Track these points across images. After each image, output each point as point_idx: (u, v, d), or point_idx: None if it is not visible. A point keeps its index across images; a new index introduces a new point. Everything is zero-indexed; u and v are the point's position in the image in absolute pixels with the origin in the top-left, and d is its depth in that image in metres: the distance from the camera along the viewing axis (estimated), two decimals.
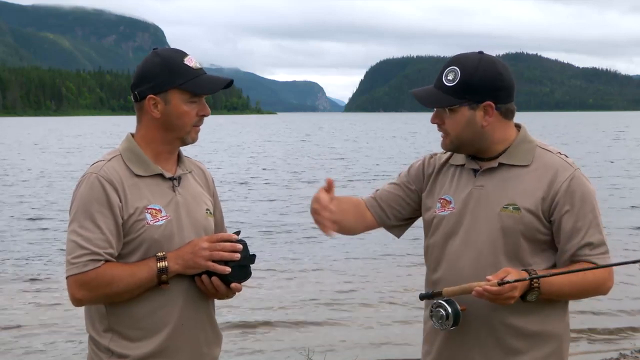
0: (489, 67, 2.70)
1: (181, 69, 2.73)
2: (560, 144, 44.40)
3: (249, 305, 9.53)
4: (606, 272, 2.67)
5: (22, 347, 8.13)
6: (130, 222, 2.68)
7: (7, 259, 12.67)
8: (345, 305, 9.70)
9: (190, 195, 2.81)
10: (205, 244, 2.68)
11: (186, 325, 2.75)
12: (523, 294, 2.56)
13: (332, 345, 8.17)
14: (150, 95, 2.72)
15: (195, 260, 2.67)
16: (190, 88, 2.72)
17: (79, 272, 2.62)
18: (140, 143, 2.78)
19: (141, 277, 2.64)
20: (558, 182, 2.68)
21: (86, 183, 2.69)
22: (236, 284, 2.72)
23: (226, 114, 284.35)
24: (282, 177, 28.06)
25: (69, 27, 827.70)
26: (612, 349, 7.94)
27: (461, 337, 2.74)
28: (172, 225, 2.72)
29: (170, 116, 2.73)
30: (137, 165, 2.74)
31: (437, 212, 2.81)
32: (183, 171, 2.83)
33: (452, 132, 2.72)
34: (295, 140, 63.59)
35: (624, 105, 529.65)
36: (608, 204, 18.39)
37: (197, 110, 2.76)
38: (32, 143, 56.14)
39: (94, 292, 2.63)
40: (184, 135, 2.77)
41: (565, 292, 2.64)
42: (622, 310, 9.50)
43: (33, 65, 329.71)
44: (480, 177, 2.76)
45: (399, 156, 39.31)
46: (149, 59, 2.78)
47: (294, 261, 12.62)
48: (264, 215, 17.93)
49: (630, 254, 12.25)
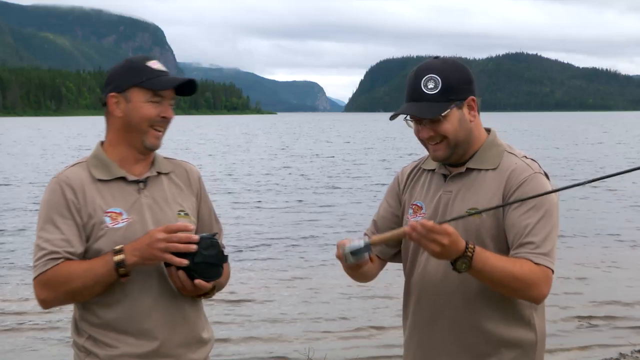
0: (456, 66, 2.78)
1: (141, 69, 2.79)
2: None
3: (250, 304, 9.50)
4: (542, 275, 2.62)
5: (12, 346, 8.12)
6: (89, 225, 2.72)
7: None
8: (345, 305, 9.69)
9: (159, 197, 2.82)
10: (161, 235, 2.65)
11: (158, 327, 2.75)
12: (454, 259, 2.53)
13: (332, 345, 8.16)
14: (112, 94, 2.78)
15: (151, 252, 2.65)
16: (148, 85, 2.75)
17: (40, 273, 2.67)
18: (107, 148, 2.83)
19: (98, 272, 2.66)
20: (513, 181, 2.71)
21: (48, 188, 2.77)
22: (200, 281, 2.70)
23: (226, 114, 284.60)
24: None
25: (68, 27, 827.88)
26: (612, 349, 7.94)
27: (430, 341, 2.79)
28: (134, 227, 2.73)
29: (130, 115, 2.77)
30: (99, 170, 2.79)
31: (410, 217, 2.83)
32: (153, 173, 2.85)
33: (450, 135, 2.73)
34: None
35: (624, 105, 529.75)
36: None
37: (158, 111, 2.78)
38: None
39: (54, 291, 2.67)
40: (142, 137, 2.79)
41: (496, 276, 2.57)
42: (623, 310, 9.49)
43: (33, 65, 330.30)
44: (450, 182, 2.80)
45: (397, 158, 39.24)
46: (115, 65, 2.89)
47: (294, 260, 12.58)
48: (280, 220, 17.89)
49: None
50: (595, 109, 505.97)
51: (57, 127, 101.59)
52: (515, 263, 2.59)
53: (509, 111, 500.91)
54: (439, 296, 2.76)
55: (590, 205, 19.32)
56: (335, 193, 22.74)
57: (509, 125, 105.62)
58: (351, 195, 21.95)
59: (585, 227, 15.84)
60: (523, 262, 2.60)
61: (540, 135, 70.78)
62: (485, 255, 2.56)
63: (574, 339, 8.37)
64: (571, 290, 10.32)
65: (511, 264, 2.59)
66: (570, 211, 17.34)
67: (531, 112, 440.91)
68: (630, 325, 8.86)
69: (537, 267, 2.61)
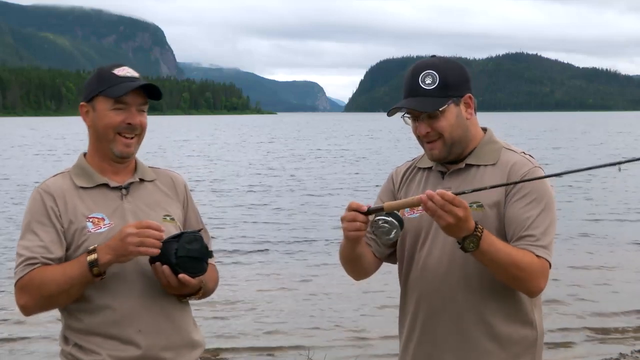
0: (453, 63, 2.81)
1: (106, 77, 2.83)
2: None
3: (251, 303, 9.47)
4: (542, 267, 2.65)
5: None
6: (71, 231, 2.75)
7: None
8: (346, 305, 9.69)
9: (143, 202, 2.84)
10: (132, 230, 2.65)
11: (143, 331, 2.75)
12: (463, 238, 2.54)
13: (333, 345, 8.17)
14: (82, 103, 2.85)
15: (124, 247, 2.65)
16: (109, 93, 2.78)
17: (18, 279, 2.70)
18: (88, 158, 2.89)
19: (72, 274, 2.66)
20: (514, 175, 2.72)
21: (30, 198, 2.82)
22: (184, 276, 2.70)
23: (226, 114, 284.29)
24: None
25: (68, 27, 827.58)
26: (612, 349, 7.94)
27: (433, 337, 2.79)
28: (115, 231, 2.72)
29: (96, 124, 2.82)
30: (81, 178, 2.83)
31: (407, 214, 2.82)
32: (136, 179, 2.87)
33: (446, 133, 2.74)
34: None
35: (624, 105, 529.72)
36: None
37: (122, 118, 2.79)
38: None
39: (32, 296, 2.69)
40: (110, 145, 2.81)
41: (500, 260, 2.59)
42: (623, 310, 9.49)
43: (33, 65, 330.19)
44: (448, 178, 2.80)
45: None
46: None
47: (294, 259, 12.58)
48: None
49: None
50: (595, 109, 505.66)
51: (55, 127, 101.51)
52: (519, 252, 2.62)
53: (509, 111, 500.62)
54: (441, 292, 2.76)
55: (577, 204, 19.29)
56: (335, 194, 22.70)
57: (509, 125, 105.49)
58: (352, 197, 21.94)
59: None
60: (526, 252, 2.63)
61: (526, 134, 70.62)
62: (492, 238, 2.58)
63: (574, 338, 8.37)
64: (572, 290, 10.31)
65: (515, 251, 2.62)
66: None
67: (531, 112, 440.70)
68: (631, 325, 8.85)
69: (537, 259, 2.64)
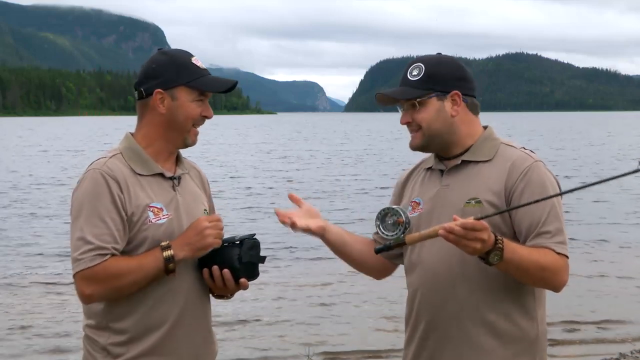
0: (450, 60, 2.84)
1: (189, 67, 2.77)
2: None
3: (251, 303, 9.52)
4: (563, 263, 2.66)
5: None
6: (133, 220, 2.69)
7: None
8: (346, 305, 9.70)
9: (189, 195, 2.83)
10: (208, 223, 2.70)
11: (186, 323, 2.76)
12: (486, 252, 2.53)
13: (333, 345, 8.16)
14: (158, 90, 2.74)
15: (204, 241, 2.68)
16: (197, 86, 2.75)
17: (86, 267, 2.61)
18: (140, 142, 2.79)
19: (149, 268, 2.65)
20: (516, 171, 2.72)
21: (89, 179, 2.68)
22: (244, 280, 2.76)
23: (226, 113, 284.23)
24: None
25: (68, 27, 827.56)
26: (612, 349, 7.94)
27: (434, 335, 2.79)
28: (173, 224, 2.73)
29: (174, 113, 2.75)
30: (138, 163, 2.75)
31: (409, 214, 2.84)
32: (182, 171, 2.86)
33: (424, 124, 2.77)
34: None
35: (624, 105, 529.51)
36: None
37: (201, 110, 2.79)
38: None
39: (102, 287, 2.63)
40: (185, 135, 2.79)
41: (524, 265, 2.59)
42: (623, 310, 9.49)
43: (33, 65, 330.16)
44: (446, 176, 2.82)
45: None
46: (156, 57, 2.82)
47: (295, 259, 12.63)
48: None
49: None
50: (595, 109, 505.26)
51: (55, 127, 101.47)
52: (539, 252, 2.62)
53: (509, 111, 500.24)
54: (441, 290, 2.76)
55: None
56: (341, 198, 22.69)
57: (510, 125, 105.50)
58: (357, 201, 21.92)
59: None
60: (545, 251, 2.64)
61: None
62: (513, 245, 2.58)
63: (574, 338, 8.37)
64: (572, 291, 10.32)
65: (536, 253, 2.62)
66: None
67: (531, 112, 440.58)
68: (630, 325, 8.86)
69: (557, 256, 2.65)
